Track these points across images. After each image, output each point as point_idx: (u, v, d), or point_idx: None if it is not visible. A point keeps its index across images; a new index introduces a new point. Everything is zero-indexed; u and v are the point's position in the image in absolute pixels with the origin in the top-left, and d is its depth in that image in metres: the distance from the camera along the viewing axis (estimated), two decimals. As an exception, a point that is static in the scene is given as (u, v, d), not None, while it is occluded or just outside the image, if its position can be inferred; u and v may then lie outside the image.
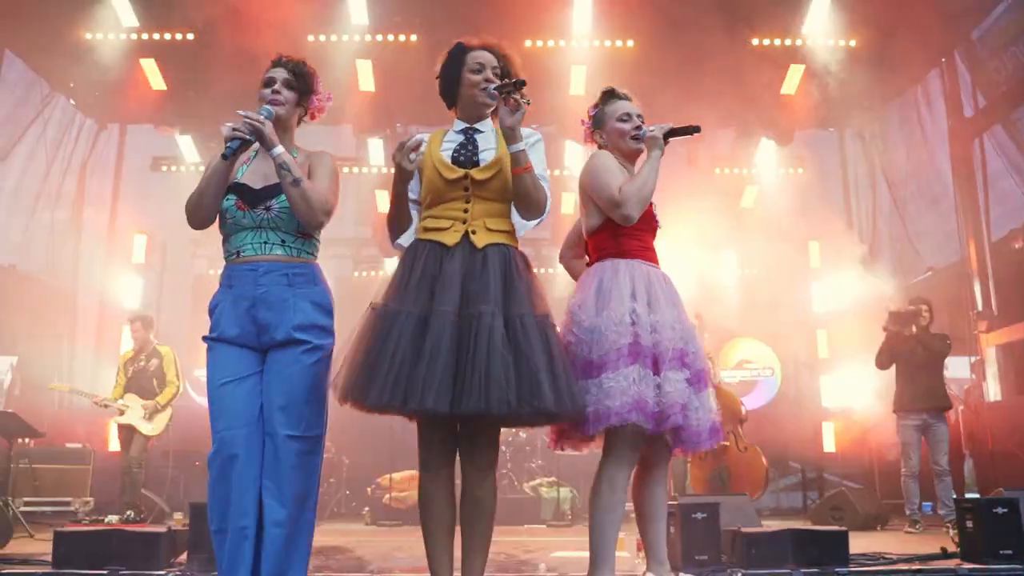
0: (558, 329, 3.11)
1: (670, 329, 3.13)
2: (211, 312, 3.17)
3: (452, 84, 3.24)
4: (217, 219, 3.21)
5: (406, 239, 3.19)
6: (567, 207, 10.47)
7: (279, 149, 3.01)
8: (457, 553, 3.04)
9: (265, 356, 3.09)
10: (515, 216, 3.15)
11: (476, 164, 3.10)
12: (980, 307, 10.51)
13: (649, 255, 3.36)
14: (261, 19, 8.60)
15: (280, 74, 3.24)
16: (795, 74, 9.87)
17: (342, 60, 9.10)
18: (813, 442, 11.28)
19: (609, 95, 3.54)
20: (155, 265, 12.45)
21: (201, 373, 11.66)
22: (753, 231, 11.45)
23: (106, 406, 8.19)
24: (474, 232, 3.04)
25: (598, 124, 3.52)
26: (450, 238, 3.03)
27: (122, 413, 8.07)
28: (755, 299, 11.47)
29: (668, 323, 3.14)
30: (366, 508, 9.50)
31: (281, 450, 2.95)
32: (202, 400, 11.52)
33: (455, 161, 3.11)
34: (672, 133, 3.40)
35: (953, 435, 8.98)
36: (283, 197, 3.09)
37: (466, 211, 3.06)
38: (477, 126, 3.22)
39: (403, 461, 9.89)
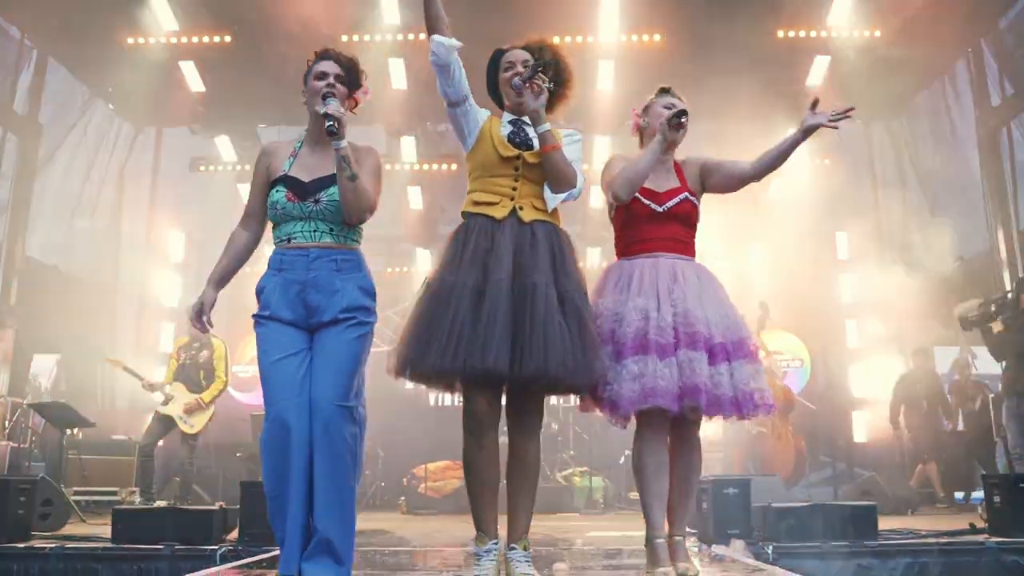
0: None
1: (608, 312, 3.40)
2: (259, 294, 3.36)
3: (493, 88, 3.53)
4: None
5: (447, 40, 3.30)
6: (595, 201, 10.61)
7: (345, 143, 3.17)
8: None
9: (312, 336, 3.29)
10: (546, 191, 3.35)
11: (529, 148, 3.32)
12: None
13: (641, 247, 3.55)
14: (295, 21, 8.83)
15: (332, 68, 3.38)
16: (820, 65, 9.95)
17: (374, 60, 9.32)
18: (843, 432, 11.33)
19: (663, 90, 3.76)
20: (192, 263, 12.77)
21: (239, 368, 12.04)
22: (780, 223, 11.53)
23: (152, 388, 8.02)
24: (521, 208, 3.27)
25: (646, 111, 3.74)
26: (499, 212, 3.25)
27: (166, 403, 7.92)
28: (783, 290, 11.51)
29: (606, 308, 3.42)
30: (402, 498, 9.69)
31: (328, 419, 3.13)
32: (240, 396, 11.87)
33: (511, 142, 3.34)
34: (670, 120, 3.52)
35: (985, 421, 9.04)
36: (332, 191, 3.28)
37: (514, 189, 3.29)
38: (524, 119, 3.41)
39: (437, 452, 10.10)
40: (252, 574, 3.85)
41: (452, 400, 11.39)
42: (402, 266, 12.18)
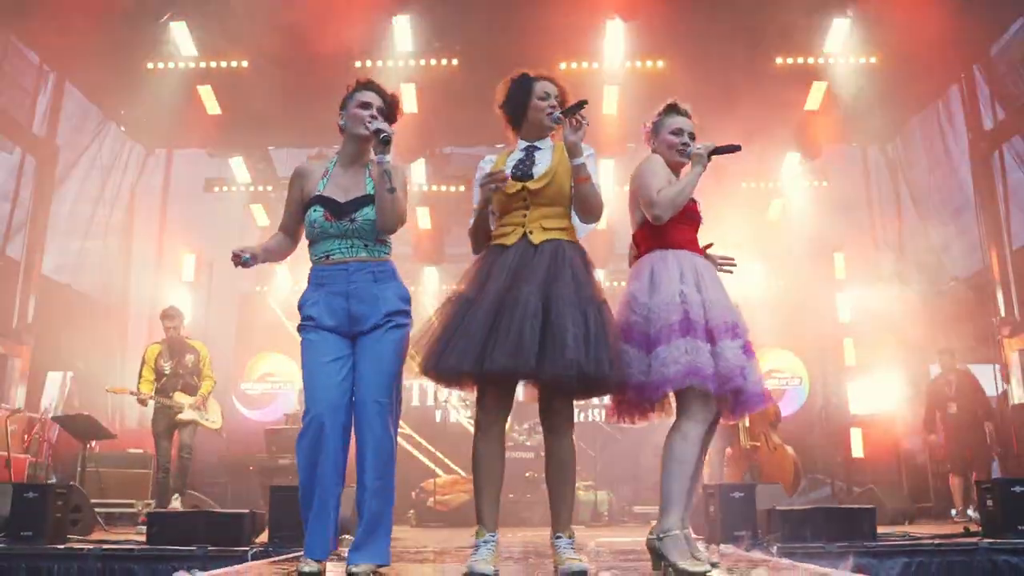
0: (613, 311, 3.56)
1: (720, 306, 3.53)
2: (301, 307, 3.60)
3: (520, 108, 3.69)
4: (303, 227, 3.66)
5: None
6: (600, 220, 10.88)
7: (390, 157, 3.44)
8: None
9: (354, 341, 3.53)
10: (575, 219, 3.61)
11: (531, 176, 3.58)
12: (1003, 313, 10.77)
13: (692, 246, 3.75)
14: (310, 46, 9.14)
15: (375, 100, 3.61)
16: (818, 91, 10.27)
17: (386, 84, 9.55)
18: (842, 448, 11.55)
19: (671, 108, 3.90)
20: (203, 283, 13.02)
21: (248, 386, 12.29)
22: (779, 243, 11.82)
23: (143, 401, 8.11)
24: (531, 232, 3.52)
25: (655, 131, 3.90)
26: (510, 240, 3.52)
27: (179, 412, 7.95)
28: (782, 310, 11.79)
29: (717, 300, 3.55)
30: (411, 511, 9.90)
31: (371, 413, 3.38)
32: (250, 412, 12.07)
33: (514, 176, 3.58)
34: (716, 151, 3.75)
35: (981, 438, 9.22)
36: (366, 210, 3.53)
37: (525, 216, 3.55)
38: (538, 144, 3.68)
39: (444, 467, 10.34)
40: (283, 568, 4.06)
41: (457, 416, 11.62)
42: (410, 284, 12.40)
